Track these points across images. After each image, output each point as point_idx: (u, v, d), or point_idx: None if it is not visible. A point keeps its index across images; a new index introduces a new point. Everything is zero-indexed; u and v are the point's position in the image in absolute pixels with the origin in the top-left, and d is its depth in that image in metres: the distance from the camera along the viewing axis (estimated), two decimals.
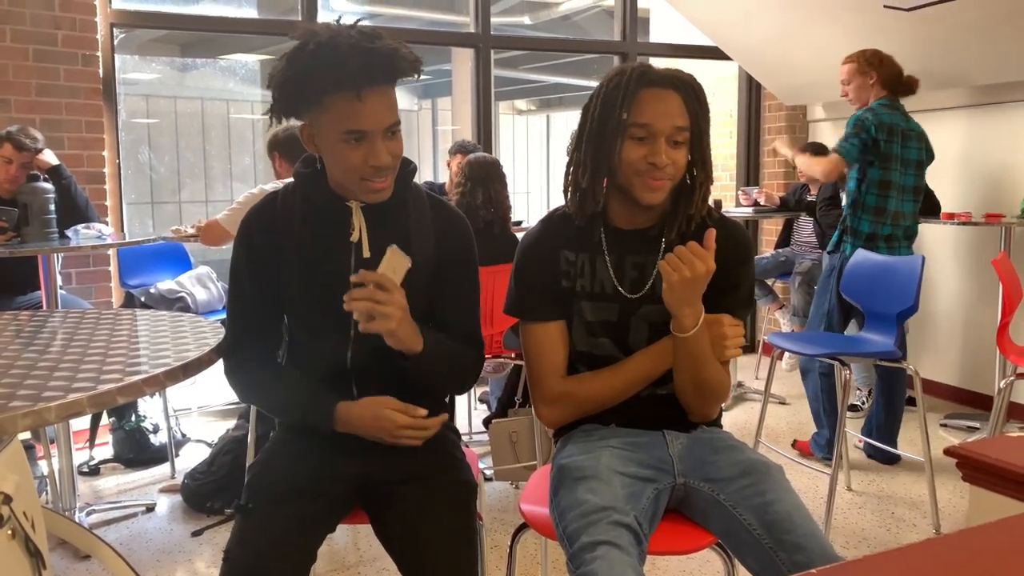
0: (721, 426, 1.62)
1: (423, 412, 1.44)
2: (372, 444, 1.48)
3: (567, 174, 1.54)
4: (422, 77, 1.49)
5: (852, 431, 3.67)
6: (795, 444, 3.55)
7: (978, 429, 3.77)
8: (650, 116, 1.42)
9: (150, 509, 3.00)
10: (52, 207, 2.94)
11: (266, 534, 1.37)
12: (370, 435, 1.45)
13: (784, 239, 4.84)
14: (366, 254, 1.47)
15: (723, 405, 1.67)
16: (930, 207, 3.90)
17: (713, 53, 5.10)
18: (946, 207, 3.94)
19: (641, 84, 1.43)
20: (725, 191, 5.67)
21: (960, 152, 4.21)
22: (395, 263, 1.36)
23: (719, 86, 6.02)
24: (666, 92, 1.44)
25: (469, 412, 3.92)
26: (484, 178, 3.17)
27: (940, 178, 3.99)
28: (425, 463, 1.50)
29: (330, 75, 1.32)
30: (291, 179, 1.55)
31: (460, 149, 4.11)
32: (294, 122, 1.50)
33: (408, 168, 1.50)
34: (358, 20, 1.41)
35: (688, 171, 1.49)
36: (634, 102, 1.43)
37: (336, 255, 1.47)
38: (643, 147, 1.43)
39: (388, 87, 1.38)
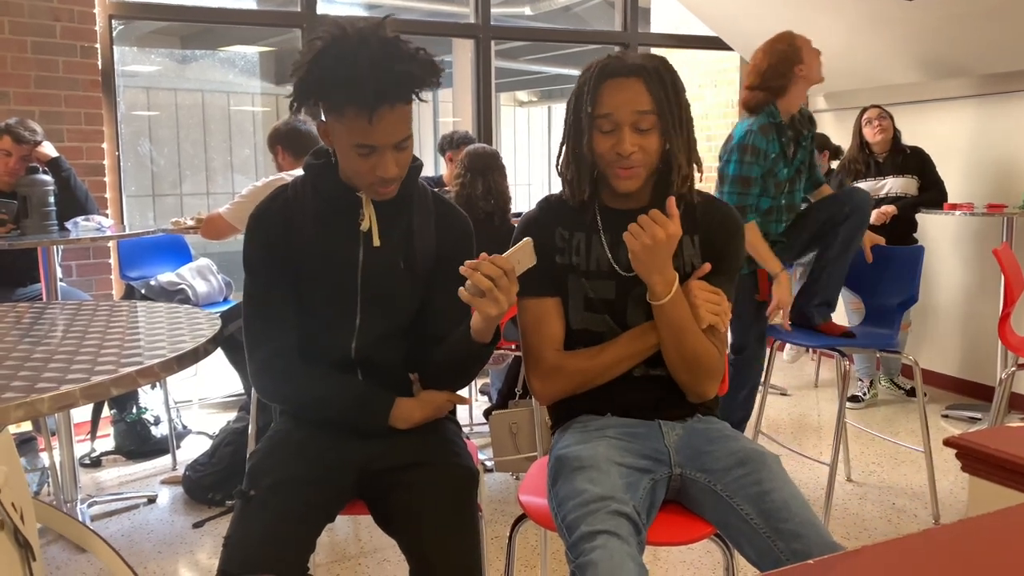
0: (717, 416, 1.62)
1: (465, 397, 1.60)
2: (373, 433, 1.51)
3: (557, 164, 1.59)
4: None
5: (852, 421, 3.67)
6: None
7: (979, 420, 3.77)
8: (610, 106, 1.44)
9: (152, 501, 3.00)
10: (52, 199, 2.94)
11: (266, 522, 1.38)
12: (424, 421, 1.54)
13: None
14: (376, 242, 1.51)
15: (723, 397, 1.67)
16: (936, 198, 3.89)
17: (714, 43, 5.08)
18: (950, 197, 3.93)
19: (603, 77, 1.46)
20: None
21: (963, 142, 4.19)
22: (524, 257, 1.37)
23: (721, 76, 5.99)
24: (627, 80, 1.45)
25: (470, 404, 3.92)
26: (483, 169, 3.16)
27: (944, 168, 3.98)
28: (425, 450, 1.52)
29: (344, 92, 1.35)
30: (294, 171, 1.58)
31: (456, 143, 4.08)
32: (294, 117, 1.52)
33: (414, 164, 1.52)
34: (387, 16, 1.42)
35: (666, 153, 1.50)
36: (597, 95, 1.45)
37: (346, 244, 1.51)
38: (610, 138, 1.46)
39: (402, 104, 1.39)
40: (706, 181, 1.75)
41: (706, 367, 1.51)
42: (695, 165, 1.54)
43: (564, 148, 1.55)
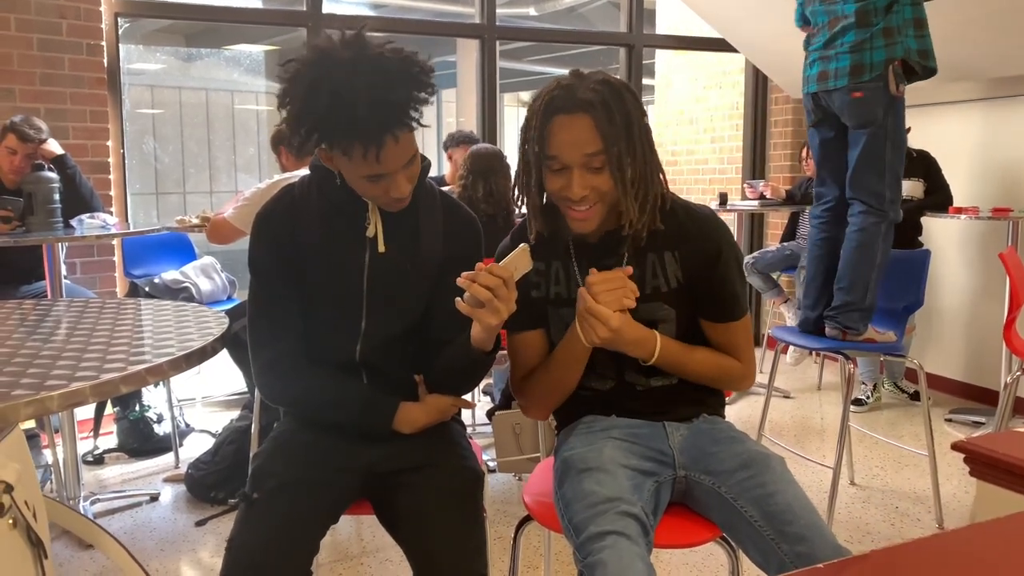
0: (724, 417, 1.62)
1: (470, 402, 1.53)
2: (377, 438, 1.51)
3: (513, 194, 1.52)
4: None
5: (856, 425, 3.66)
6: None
7: (983, 424, 3.76)
8: (557, 148, 1.37)
9: (154, 499, 3.00)
10: (57, 197, 2.94)
11: (269, 523, 1.37)
12: (429, 425, 1.53)
13: (790, 232, 4.83)
14: (381, 249, 1.49)
15: (726, 399, 1.67)
16: (941, 201, 3.89)
17: (720, 45, 5.08)
18: (956, 200, 3.92)
19: (550, 113, 1.37)
20: (731, 184, 5.65)
21: (970, 146, 4.19)
22: (520, 263, 1.35)
23: (725, 79, 6.00)
24: (574, 118, 1.36)
25: (473, 406, 3.92)
26: (485, 171, 3.16)
27: (950, 172, 3.98)
28: (431, 452, 1.52)
29: (349, 133, 1.30)
30: (298, 171, 1.57)
31: (457, 141, 4.08)
32: None
33: (422, 165, 1.50)
34: (362, 27, 1.36)
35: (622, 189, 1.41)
36: (546, 133, 1.38)
37: (352, 249, 1.50)
38: (561, 178, 1.39)
39: (404, 130, 1.35)
40: (711, 182, 1.74)
41: (720, 380, 1.54)
42: (657, 190, 1.44)
43: (518, 181, 1.48)
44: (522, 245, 1.36)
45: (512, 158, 3.42)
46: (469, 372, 1.52)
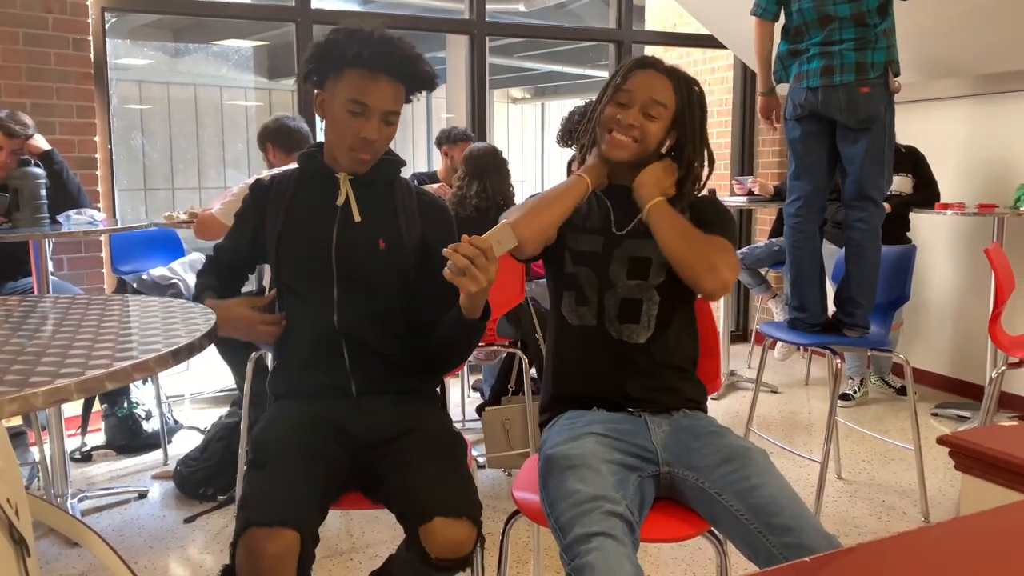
0: (706, 411, 1.63)
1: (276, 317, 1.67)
2: (367, 408, 1.60)
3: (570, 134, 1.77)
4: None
5: (843, 419, 3.68)
6: None
7: (968, 418, 3.79)
8: (633, 85, 1.61)
9: (143, 496, 2.99)
10: (43, 192, 2.91)
11: (280, 481, 1.41)
12: (235, 333, 1.66)
13: (778, 228, 4.83)
14: (356, 218, 1.62)
15: (714, 394, 1.69)
16: (929, 197, 3.91)
17: (708, 41, 5.08)
18: (943, 196, 3.94)
19: (638, 66, 1.63)
20: (719, 180, 5.66)
21: (956, 142, 4.21)
22: (502, 238, 1.45)
23: (714, 75, 6.00)
24: (657, 74, 1.61)
25: (463, 400, 3.92)
26: (481, 171, 3.21)
27: (937, 168, 4.00)
28: (413, 420, 1.59)
29: (353, 49, 1.52)
30: (285, 167, 1.73)
31: (454, 138, 4.06)
32: (283, 115, 1.70)
33: (396, 159, 1.69)
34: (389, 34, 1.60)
35: (678, 151, 1.65)
36: (628, 77, 1.62)
37: (322, 218, 1.63)
38: (620, 110, 1.61)
39: (400, 83, 1.57)
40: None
41: (703, 249, 1.53)
42: (698, 173, 1.67)
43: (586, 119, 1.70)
44: (504, 221, 1.47)
45: (506, 154, 3.43)
46: (466, 338, 1.60)
